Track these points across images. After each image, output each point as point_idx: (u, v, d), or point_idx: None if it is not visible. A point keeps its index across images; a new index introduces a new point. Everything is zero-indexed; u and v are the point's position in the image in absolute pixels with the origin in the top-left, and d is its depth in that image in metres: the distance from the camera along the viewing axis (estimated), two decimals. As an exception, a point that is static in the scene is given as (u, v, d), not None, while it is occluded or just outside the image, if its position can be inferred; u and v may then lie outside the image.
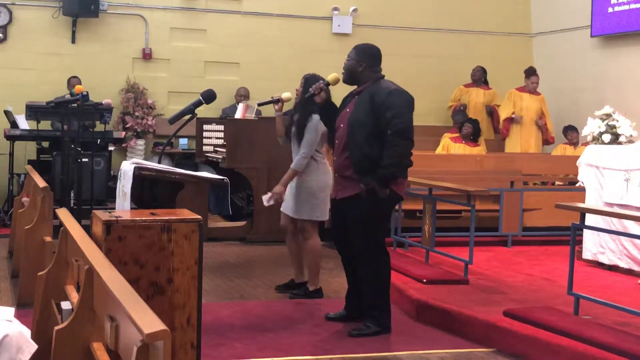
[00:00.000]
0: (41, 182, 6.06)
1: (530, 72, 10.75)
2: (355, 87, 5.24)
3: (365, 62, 5.14)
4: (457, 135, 10.13)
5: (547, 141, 10.80)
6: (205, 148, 9.72)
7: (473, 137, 9.94)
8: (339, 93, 5.40)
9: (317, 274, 6.05)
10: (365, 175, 4.96)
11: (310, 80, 5.79)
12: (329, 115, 5.31)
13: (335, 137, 5.22)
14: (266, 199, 5.82)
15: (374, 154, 4.93)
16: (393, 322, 5.21)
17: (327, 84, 5.25)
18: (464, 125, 9.98)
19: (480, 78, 11.16)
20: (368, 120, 4.97)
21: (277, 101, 6.00)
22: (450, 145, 9.98)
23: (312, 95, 5.26)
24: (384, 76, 5.18)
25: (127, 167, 5.09)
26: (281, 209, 6.09)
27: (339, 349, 4.80)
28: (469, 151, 9.75)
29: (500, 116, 10.83)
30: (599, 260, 6.85)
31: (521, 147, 10.60)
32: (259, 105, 6.36)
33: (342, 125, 5.14)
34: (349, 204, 5.10)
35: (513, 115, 10.60)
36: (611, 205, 6.48)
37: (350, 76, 5.19)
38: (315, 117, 5.73)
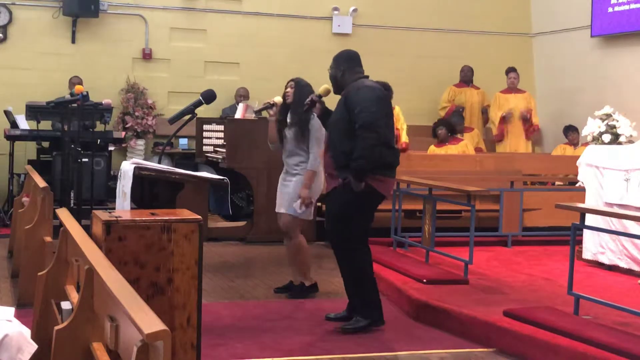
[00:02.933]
0: (41, 182, 6.06)
1: (508, 70, 10.92)
2: None
3: (342, 66, 5.30)
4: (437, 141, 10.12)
5: (530, 131, 10.80)
6: (205, 148, 9.72)
7: (452, 133, 9.85)
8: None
9: (309, 269, 6.12)
10: (343, 170, 5.14)
11: (302, 85, 5.87)
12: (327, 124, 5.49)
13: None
14: (297, 206, 5.84)
15: (347, 149, 5.08)
16: (393, 321, 5.21)
17: (320, 96, 5.42)
18: (436, 131, 9.89)
19: (471, 78, 11.19)
20: (342, 118, 5.15)
21: (272, 106, 5.99)
22: (435, 152, 9.91)
23: (309, 108, 5.45)
24: (367, 77, 5.31)
25: (127, 167, 5.10)
26: (276, 210, 6.10)
27: (339, 349, 4.80)
28: (456, 150, 9.71)
29: (493, 122, 10.86)
30: (599, 260, 6.85)
31: (510, 148, 10.63)
32: (256, 112, 6.35)
33: (327, 128, 5.40)
34: (329, 198, 5.33)
35: (504, 114, 10.65)
36: (611, 205, 6.48)
37: (334, 85, 5.37)
38: (316, 117, 5.76)
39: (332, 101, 5.47)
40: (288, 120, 5.95)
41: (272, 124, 6.04)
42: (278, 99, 5.98)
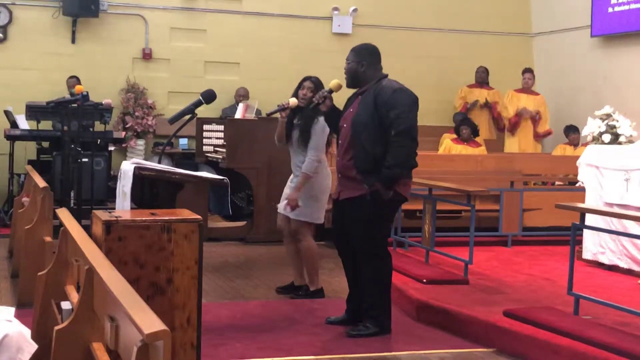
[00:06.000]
0: (41, 182, 6.06)
1: (524, 71, 10.89)
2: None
3: (365, 61, 5.10)
4: (456, 137, 10.13)
5: (539, 134, 10.80)
6: (205, 148, 9.71)
7: (474, 135, 9.91)
8: (344, 95, 5.41)
9: (317, 274, 6.05)
10: (368, 175, 4.92)
11: (318, 84, 5.80)
12: (335, 121, 5.30)
13: (339, 137, 5.21)
14: (282, 207, 5.82)
15: (378, 154, 4.89)
16: (393, 322, 5.20)
17: (330, 91, 5.27)
18: (461, 128, 9.96)
19: (485, 79, 11.17)
20: (371, 120, 4.92)
21: (285, 109, 5.86)
22: (452, 147, 9.97)
23: (318, 105, 5.34)
24: (386, 75, 5.14)
25: (127, 167, 5.09)
26: (278, 210, 6.09)
27: (339, 349, 4.80)
28: (471, 152, 9.73)
29: (505, 116, 10.83)
30: (599, 260, 6.85)
31: (519, 147, 10.62)
32: (268, 115, 6.30)
33: (345, 126, 5.12)
34: (352, 205, 5.05)
35: (518, 111, 10.63)
36: (611, 205, 6.48)
37: (353, 79, 5.14)
38: (321, 120, 5.72)
39: (341, 98, 5.40)
40: (295, 121, 5.91)
41: (283, 123, 5.95)
42: (293, 101, 5.85)
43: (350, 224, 5.10)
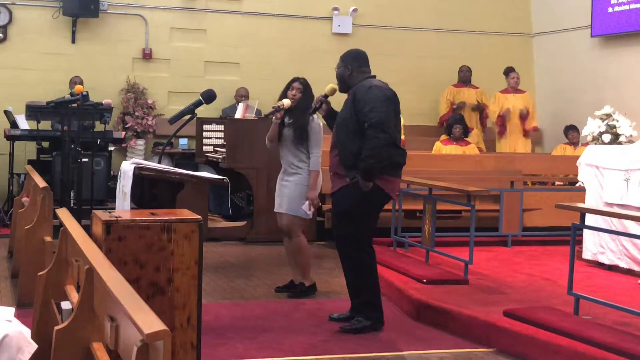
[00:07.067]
0: (41, 182, 6.06)
1: (508, 70, 10.92)
2: None
3: (350, 65, 5.29)
4: (447, 137, 10.13)
5: (527, 132, 10.80)
6: (205, 148, 9.72)
7: (465, 135, 9.94)
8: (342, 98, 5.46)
9: (309, 269, 6.15)
10: (351, 170, 5.11)
11: (306, 84, 5.96)
12: (333, 124, 5.47)
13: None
14: (307, 208, 5.88)
15: (356, 149, 5.06)
16: (393, 321, 5.21)
17: (325, 96, 5.46)
18: (454, 127, 9.95)
19: (468, 78, 11.20)
20: (350, 117, 5.14)
21: (280, 110, 5.93)
22: (441, 149, 9.97)
23: (316, 110, 5.51)
24: (374, 76, 5.30)
25: (127, 167, 5.09)
26: (275, 210, 6.13)
27: (339, 349, 4.80)
28: (461, 151, 9.74)
29: (490, 117, 10.87)
30: (599, 260, 6.85)
31: (509, 147, 10.63)
32: (266, 116, 6.37)
33: (334, 126, 5.37)
34: (335, 197, 5.29)
35: (501, 113, 10.66)
36: (611, 205, 6.48)
37: (342, 83, 5.35)
38: (315, 117, 5.93)
39: (338, 101, 5.46)
40: (286, 120, 5.97)
41: (276, 125, 6.04)
42: (287, 102, 5.92)
43: (333, 216, 5.37)
